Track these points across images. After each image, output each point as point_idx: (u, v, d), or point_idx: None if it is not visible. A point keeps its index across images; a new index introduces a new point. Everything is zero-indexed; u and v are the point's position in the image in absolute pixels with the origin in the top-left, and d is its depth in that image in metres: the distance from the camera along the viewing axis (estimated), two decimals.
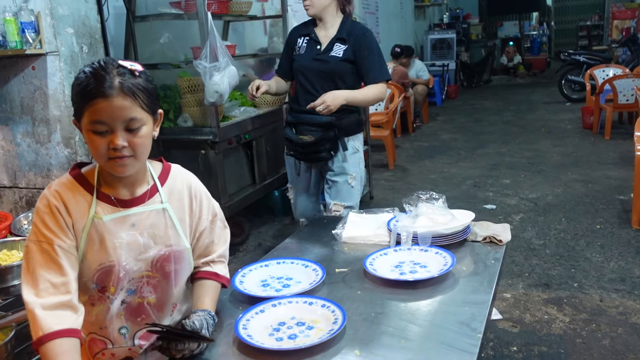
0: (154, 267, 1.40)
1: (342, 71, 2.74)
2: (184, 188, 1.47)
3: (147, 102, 1.29)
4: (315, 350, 1.30)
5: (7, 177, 3.32)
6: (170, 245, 1.41)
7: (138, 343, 1.44)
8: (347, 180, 2.84)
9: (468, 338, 1.33)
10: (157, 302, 1.44)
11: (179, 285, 1.48)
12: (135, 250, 1.37)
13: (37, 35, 2.93)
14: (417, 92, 8.44)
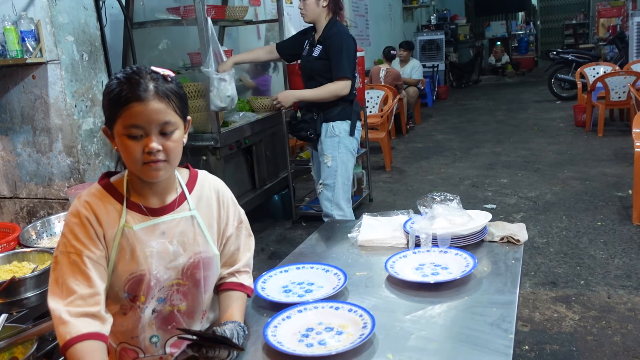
0: (184, 275, 1.39)
1: (318, 69, 3.16)
2: (212, 194, 1.46)
3: (179, 106, 1.29)
4: (348, 355, 1.29)
5: (8, 188, 3.28)
6: (200, 252, 1.41)
7: (169, 351, 1.42)
8: (324, 160, 3.25)
9: (500, 339, 1.33)
10: (188, 310, 1.43)
11: (208, 291, 1.47)
12: (166, 259, 1.36)
13: (38, 44, 2.90)
14: (409, 94, 8.47)
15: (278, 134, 4.56)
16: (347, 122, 3.23)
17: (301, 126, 3.26)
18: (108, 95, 1.26)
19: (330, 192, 3.27)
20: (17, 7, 2.92)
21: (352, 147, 3.28)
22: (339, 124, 3.22)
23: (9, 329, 1.61)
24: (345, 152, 3.24)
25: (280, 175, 4.68)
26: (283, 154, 4.55)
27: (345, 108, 3.22)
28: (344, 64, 3.08)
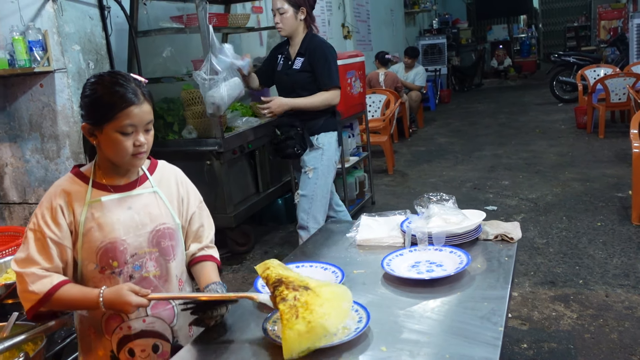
0: (150, 243, 1.58)
1: (301, 81, 3.09)
2: (171, 176, 1.69)
3: (154, 107, 1.55)
4: (342, 348, 1.34)
5: (17, 194, 3.36)
6: (164, 223, 1.60)
7: (150, 313, 1.59)
8: (305, 171, 3.21)
9: (490, 332, 1.38)
10: (161, 275, 1.60)
11: (177, 259, 1.64)
12: (133, 227, 1.55)
13: (45, 53, 2.98)
14: (411, 99, 8.54)
15: None
16: (332, 133, 3.21)
17: (287, 143, 3.14)
18: (100, 99, 1.45)
19: (308, 204, 3.22)
20: (25, 18, 3.01)
21: (335, 158, 3.27)
22: (323, 136, 3.18)
23: (19, 327, 1.68)
24: (327, 164, 3.21)
25: (284, 179, 4.75)
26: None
27: (329, 119, 3.20)
28: (333, 73, 3.08)
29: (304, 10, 3.00)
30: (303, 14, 3.02)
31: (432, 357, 1.29)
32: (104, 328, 1.58)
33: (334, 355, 1.32)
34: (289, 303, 1.35)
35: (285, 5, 2.97)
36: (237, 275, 3.88)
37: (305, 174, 3.20)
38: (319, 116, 3.14)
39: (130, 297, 1.41)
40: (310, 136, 3.16)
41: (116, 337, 1.58)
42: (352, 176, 4.74)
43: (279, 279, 1.45)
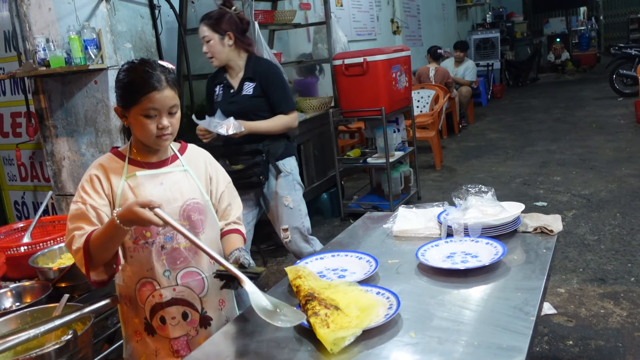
0: (181, 216, 1.67)
1: (254, 107, 2.83)
2: (200, 157, 1.80)
3: (179, 92, 1.65)
4: (371, 333, 1.36)
5: (73, 186, 3.54)
6: (194, 198, 1.70)
7: (180, 282, 1.69)
8: (283, 203, 2.92)
9: (521, 321, 1.36)
10: (191, 246, 1.68)
11: (205, 233, 1.72)
12: (165, 201, 1.61)
13: (99, 51, 3.13)
14: (461, 94, 8.40)
15: (326, 134, 4.66)
16: (293, 157, 3.01)
17: (253, 171, 2.84)
18: (129, 84, 1.57)
19: (303, 234, 3.01)
20: (80, 18, 3.17)
21: (300, 181, 3.05)
22: (287, 161, 2.96)
23: (69, 307, 1.78)
24: (298, 188, 3.02)
25: (329, 173, 4.78)
26: (331, 153, 4.65)
27: (288, 144, 2.99)
28: (290, 96, 2.92)
29: (230, 35, 2.73)
30: (231, 39, 2.74)
31: (461, 344, 1.29)
32: (138, 297, 1.70)
33: (364, 340, 1.34)
34: (320, 317, 1.39)
35: (208, 33, 2.73)
36: (282, 266, 3.94)
37: (287, 207, 2.93)
38: (279, 140, 2.91)
39: (137, 208, 1.43)
40: (276, 162, 2.90)
41: (149, 305, 1.69)
42: (397, 171, 4.72)
43: (311, 293, 1.49)
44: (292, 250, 3.07)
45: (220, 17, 2.73)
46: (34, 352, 1.53)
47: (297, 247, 3.03)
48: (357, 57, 4.41)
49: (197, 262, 1.71)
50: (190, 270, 1.70)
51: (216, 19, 2.73)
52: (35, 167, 4.16)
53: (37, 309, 1.80)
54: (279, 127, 2.86)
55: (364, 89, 4.39)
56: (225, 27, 2.72)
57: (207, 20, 2.74)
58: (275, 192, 2.92)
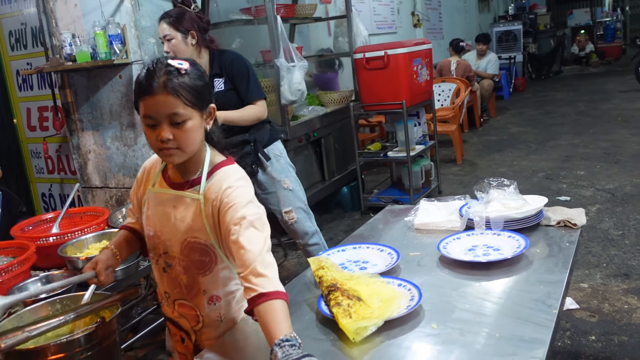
0: (182, 252, 1.49)
1: (230, 101, 2.78)
2: (221, 185, 1.43)
3: (190, 98, 1.36)
4: (393, 324, 1.38)
5: (99, 178, 3.61)
6: (196, 236, 1.46)
7: (177, 309, 1.60)
8: (282, 187, 2.96)
9: (544, 314, 1.37)
10: (188, 283, 1.53)
11: (207, 276, 1.51)
12: (169, 227, 1.49)
13: (123, 46, 3.18)
14: (483, 87, 8.32)
15: (346, 127, 4.67)
16: (279, 141, 3.02)
17: (245, 162, 2.79)
18: (134, 87, 1.40)
19: (306, 213, 3.07)
20: (105, 14, 3.22)
21: (290, 162, 3.07)
22: (275, 145, 2.98)
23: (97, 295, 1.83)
24: (291, 169, 3.04)
25: (349, 167, 4.80)
26: (352, 147, 4.66)
27: (272, 129, 2.98)
28: (256, 85, 2.87)
29: (193, 34, 2.68)
30: (194, 38, 2.69)
31: (483, 336, 1.30)
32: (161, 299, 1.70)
33: (386, 330, 1.36)
34: (343, 307, 1.40)
35: (170, 32, 2.65)
36: (302, 260, 3.97)
37: (286, 189, 2.96)
38: (262, 127, 2.89)
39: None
40: (264, 148, 2.90)
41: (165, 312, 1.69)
42: (418, 165, 4.71)
43: (334, 284, 1.51)
44: (297, 231, 3.08)
45: (181, 15, 2.67)
46: (64, 338, 1.57)
47: (303, 227, 3.07)
48: (378, 50, 4.40)
49: (191, 299, 1.55)
50: (184, 302, 1.56)
51: (177, 17, 2.66)
52: (61, 160, 4.25)
53: (66, 297, 1.85)
54: (250, 117, 2.81)
55: (385, 83, 4.39)
56: (187, 25, 2.66)
57: (168, 19, 2.67)
58: (272, 177, 2.95)
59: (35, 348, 1.59)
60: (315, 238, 3.13)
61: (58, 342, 1.57)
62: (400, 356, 1.26)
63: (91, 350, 1.60)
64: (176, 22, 2.65)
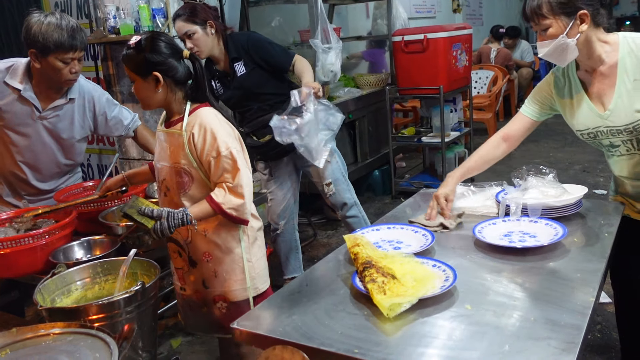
0: (167, 174, 1.89)
1: (256, 82, 2.77)
2: (195, 120, 1.82)
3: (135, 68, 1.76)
4: (427, 303, 1.39)
5: (137, 151, 3.68)
6: (179, 163, 1.84)
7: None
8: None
9: (580, 301, 1.36)
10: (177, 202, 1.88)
11: (186, 195, 1.87)
12: (161, 158, 1.90)
13: (166, 20, 3.22)
14: (522, 76, 8.16)
15: (381, 111, 4.65)
16: None
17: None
18: None
19: (345, 185, 3.10)
20: None
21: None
22: None
23: (137, 261, 1.89)
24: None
25: (382, 151, 4.78)
26: (385, 130, 4.65)
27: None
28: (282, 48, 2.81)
29: (211, 23, 2.65)
30: (212, 27, 2.66)
31: (517, 318, 1.30)
32: None
33: (419, 309, 1.37)
34: (378, 284, 1.42)
35: (189, 27, 2.62)
36: (332, 240, 4.00)
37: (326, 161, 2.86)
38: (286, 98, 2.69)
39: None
40: None
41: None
42: (452, 151, 4.67)
43: (369, 261, 1.52)
44: (336, 203, 3.11)
45: (194, 8, 2.65)
46: (105, 299, 1.63)
47: (342, 198, 3.10)
48: (418, 34, 4.35)
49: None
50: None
51: (191, 11, 2.64)
52: None
53: (107, 261, 1.91)
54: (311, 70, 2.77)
55: (423, 67, 4.34)
56: (202, 16, 2.64)
57: (182, 16, 2.64)
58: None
59: (77, 307, 1.65)
60: (353, 210, 3.15)
61: (99, 302, 1.63)
62: (434, 334, 1.27)
63: (130, 312, 1.66)
64: (192, 16, 2.62)
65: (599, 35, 1.79)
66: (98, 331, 1.34)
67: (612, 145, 1.90)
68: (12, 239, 1.99)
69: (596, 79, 1.85)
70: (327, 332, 1.32)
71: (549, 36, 1.75)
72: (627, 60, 1.77)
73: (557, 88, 1.99)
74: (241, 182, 1.79)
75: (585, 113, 1.90)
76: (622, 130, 1.82)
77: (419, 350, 1.21)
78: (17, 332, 1.38)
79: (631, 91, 1.77)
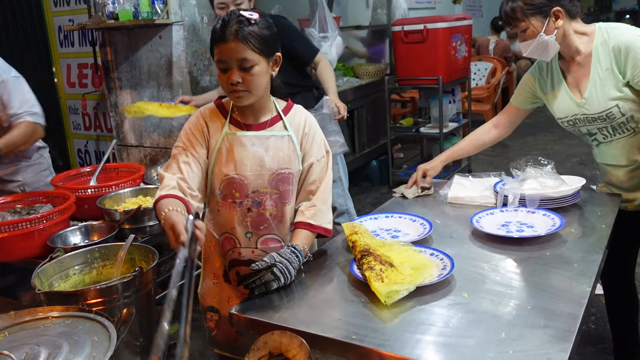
0: (270, 185, 1.63)
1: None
2: (302, 120, 1.69)
3: (258, 45, 1.51)
4: (424, 291, 1.39)
5: (134, 137, 3.67)
6: (287, 168, 1.64)
7: (260, 247, 1.69)
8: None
9: (577, 290, 1.37)
10: (277, 215, 1.67)
11: (291, 203, 1.69)
12: (258, 166, 1.61)
13: (165, 7, 3.19)
14: (520, 68, 8.14)
15: (380, 101, 4.64)
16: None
17: None
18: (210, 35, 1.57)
19: (340, 190, 3.02)
20: None
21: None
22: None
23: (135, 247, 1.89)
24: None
25: (380, 141, 4.79)
26: (384, 121, 4.64)
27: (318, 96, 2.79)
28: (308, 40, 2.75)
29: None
30: (250, 1, 2.58)
31: (514, 307, 1.31)
32: (221, 246, 1.72)
33: (417, 296, 1.37)
34: (375, 272, 1.42)
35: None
36: None
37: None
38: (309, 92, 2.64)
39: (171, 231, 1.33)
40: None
41: (229, 257, 1.72)
42: (450, 142, 4.67)
43: (367, 249, 1.53)
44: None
45: None
46: (104, 284, 1.64)
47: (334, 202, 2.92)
48: (418, 24, 4.34)
49: (279, 230, 1.69)
50: (271, 237, 1.68)
51: None
52: (99, 117, 4.34)
53: (105, 246, 1.91)
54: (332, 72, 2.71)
55: (423, 57, 4.33)
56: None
57: None
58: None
59: (75, 291, 1.66)
60: (343, 218, 3.05)
61: (97, 287, 1.63)
62: (431, 321, 1.28)
63: (128, 297, 1.67)
64: None
65: (576, 27, 1.88)
66: (96, 315, 1.34)
67: (589, 134, 2.02)
68: (10, 223, 1.99)
69: (574, 68, 1.94)
70: (325, 318, 1.33)
71: (528, 36, 1.84)
72: (600, 50, 1.86)
73: (540, 78, 2.07)
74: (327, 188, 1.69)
75: (565, 101, 1.99)
76: (596, 118, 1.91)
77: (415, 337, 1.22)
78: (15, 315, 1.38)
79: (604, 80, 1.85)
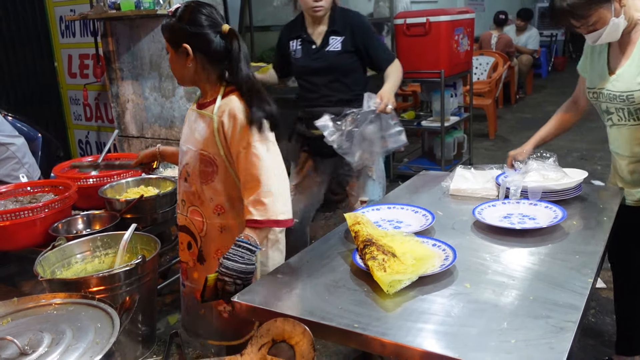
0: (195, 161, 1.71)
1: (343, 64, 2.56)
2: (227, 108, 1.65)
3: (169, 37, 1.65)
4: (427, 281, 1.40)
5: (136, 128, 3.67)
6: (203, 149, 1.68)
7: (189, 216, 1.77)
8: (367, 174, 2.66)
9: (578, 281, 1.37)
10: (196, 192, 1.73)
11: (214, 186, 1.70)
12: (188, 140, 1.73)
13: None
14: (522, 62, 8.13)
15: None
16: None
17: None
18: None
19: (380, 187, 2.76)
20: None
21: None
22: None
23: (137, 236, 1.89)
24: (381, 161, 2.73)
25: None
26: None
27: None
28: (386, 46, 2.67)
29: None
30: None
31: (515, 297, 1.31)
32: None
33: (419, 286, 1.38)
34: (378, 261, 1.43)
35: None
36: (329, 222, 4.01)
37: (370, 177, 2.66)
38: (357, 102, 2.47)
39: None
40: None
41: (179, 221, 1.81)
42: (451, 136, 4.67)
43: (370, 239, 1.53)
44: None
45: None
46: (106, 272, 1.64)
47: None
48: (420, 17, 4.33)
49: (200, 206, 1.73)
50: (196, 209, 1.74)
51: None
52: (100, 107, 4.33)
53: (106, 235, 1.92)
54: (400, 79, 2.60)
55: (425, 50, 4.32)
56: None
57: None
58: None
59: (78, 279, 1.66)
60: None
61: (100, 275, 1.64)
62: (433, 311, 1.28)
63: (130, 285, 1.67)
64: None
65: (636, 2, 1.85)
66: (99, 302, 1.35)
67: (607, 111, 2.00)
68: (12, 211, 1.99)
69: (620, 43, 1.90)
70: (328, 307, 1.33)
71: (599, 25, 1.78)
72: None
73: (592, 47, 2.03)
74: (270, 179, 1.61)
75: (599, 71, 1.98)
76: (617, 96, 1.90)
77: (417, 326, 1.22)
78: (19, 302, 1.38)
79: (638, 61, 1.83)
